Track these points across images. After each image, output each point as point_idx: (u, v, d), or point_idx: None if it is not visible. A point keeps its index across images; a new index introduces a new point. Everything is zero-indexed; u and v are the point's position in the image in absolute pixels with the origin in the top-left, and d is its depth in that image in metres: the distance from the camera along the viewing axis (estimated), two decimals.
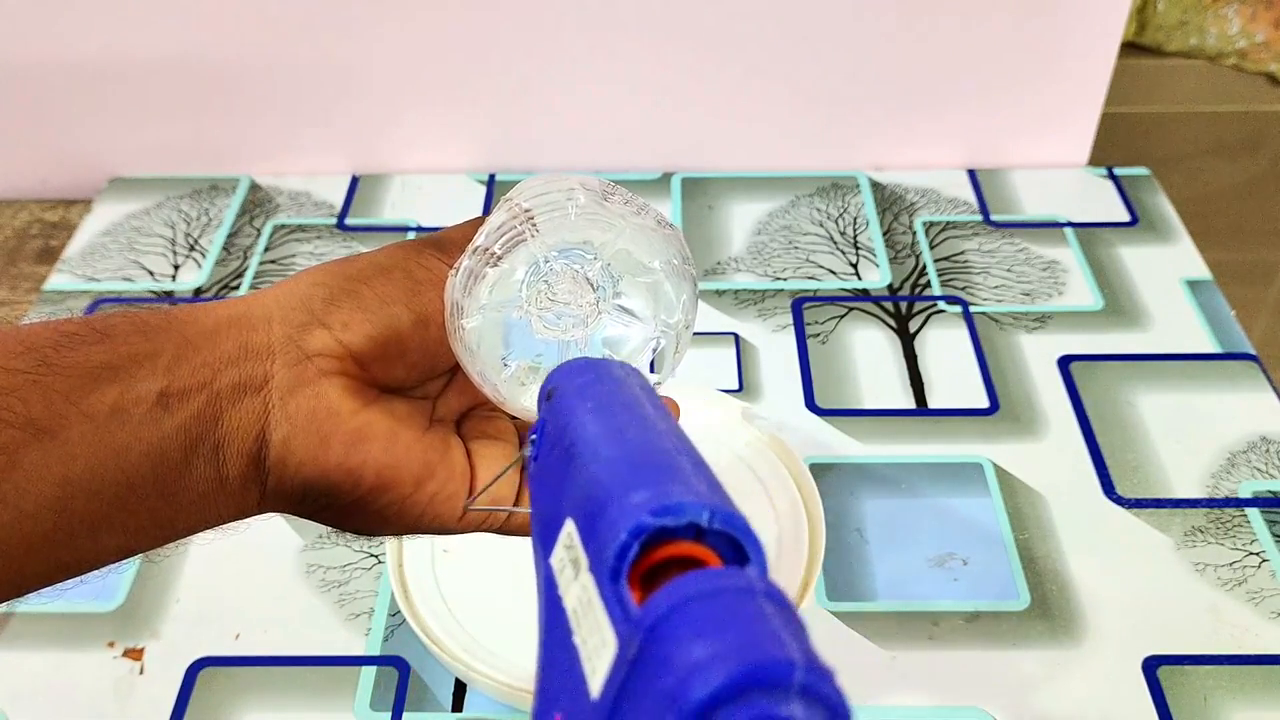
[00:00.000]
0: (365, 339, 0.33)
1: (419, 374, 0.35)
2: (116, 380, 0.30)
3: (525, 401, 0.35)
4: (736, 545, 0.22)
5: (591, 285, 0.34)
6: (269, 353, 0.32)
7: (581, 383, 0.29)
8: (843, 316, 0.76)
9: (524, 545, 0.61)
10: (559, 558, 0.24)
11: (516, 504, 0.36)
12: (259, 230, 0.84)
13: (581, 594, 0.22)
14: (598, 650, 0.21)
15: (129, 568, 0.61)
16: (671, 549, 0.22)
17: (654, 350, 0.36)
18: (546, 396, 0.30)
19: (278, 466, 0.32)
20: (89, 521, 0.29)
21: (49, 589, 0.30)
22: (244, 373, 0.32)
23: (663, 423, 0.27)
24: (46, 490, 0.29)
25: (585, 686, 0.21)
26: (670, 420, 0.27)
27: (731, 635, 0.18)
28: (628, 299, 0.35)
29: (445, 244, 0.36)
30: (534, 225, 0.33)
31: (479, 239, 0.34)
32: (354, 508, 0.33)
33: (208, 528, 0.33)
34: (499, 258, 0.33)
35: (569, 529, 0.24)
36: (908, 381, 0.71)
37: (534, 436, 0.30)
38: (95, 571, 0.31)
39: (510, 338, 0.34)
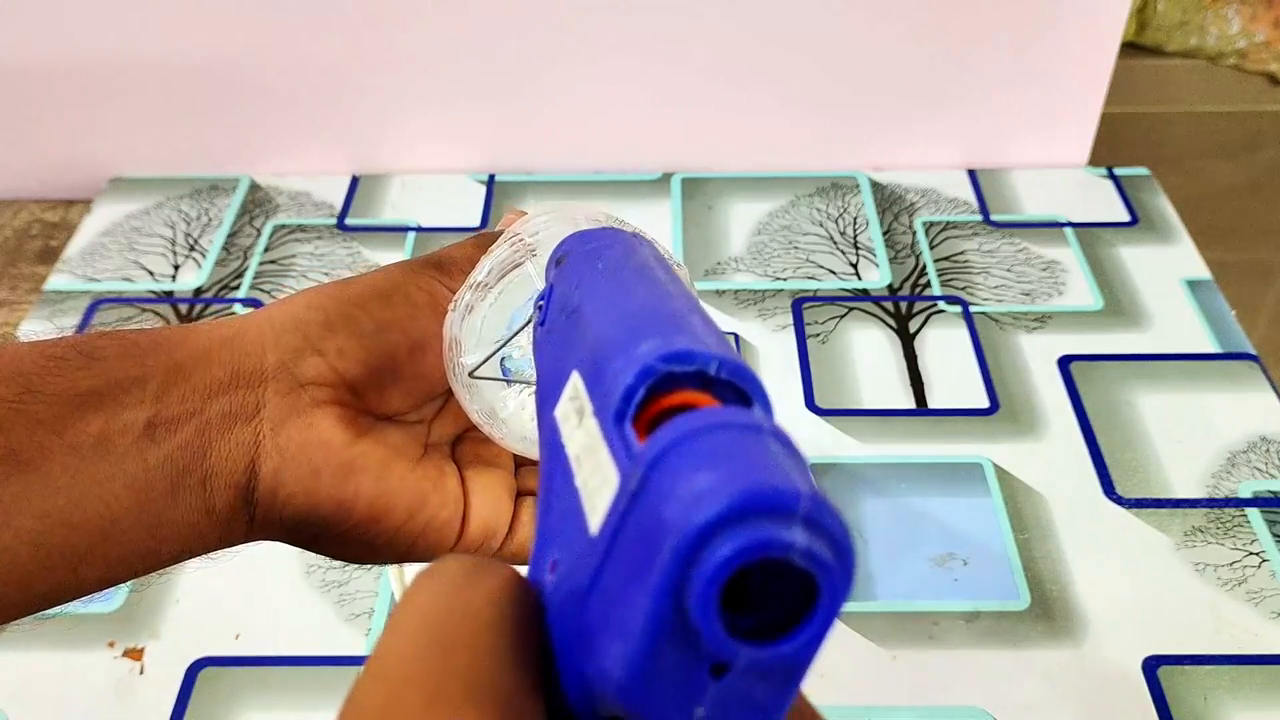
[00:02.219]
0: (361, 366, 0.32)
1: (414, 400, 0.34)
2: (103, 408, 0.29)
3: (524, 433, 0.35)
4: (744, 398, 0.21)
5: None
6: (261, 379, 0.31)
7: (592, 248, 0.29)
8: (843, 316, 0.76)
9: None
10: (563, 409, 0.24)
11: (510, 535, 0.35)
12: (259, 230, 0.84)
13: (585, 439, 0.22)
14: (598, 490, 0.20)
15: None
16: (678, 397, 0.21)
17: None
18: (556, 263, 0.29)
19: (267, 498, 0.31)
20: (69, 555, 0.29)
21: (26, 618, 0.30)
22: (235, 401, 0.31)
23: (673, 285, 0.26)
24: (25, 524, 0.28)
25: (585, 526, 0.20)
26: (681, 285, 0.27)
27: (736, 465, 0.18)
28: None
29: (446, 264, 0.35)
30: (536, 259, 0.33)
31: (480, 274, 0.33)
32: (345, 539, 0.33)
33: (191, 557, 0.32)
34: (500, 294, 0.33)
35: (574, 381, 0.23)
36: (908, 381, 0.71)
37: (541, 303, 0.29)
38: (75, 601, 0.30)
39: (509, 374, 0.34)
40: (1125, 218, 0.84)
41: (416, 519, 0.33)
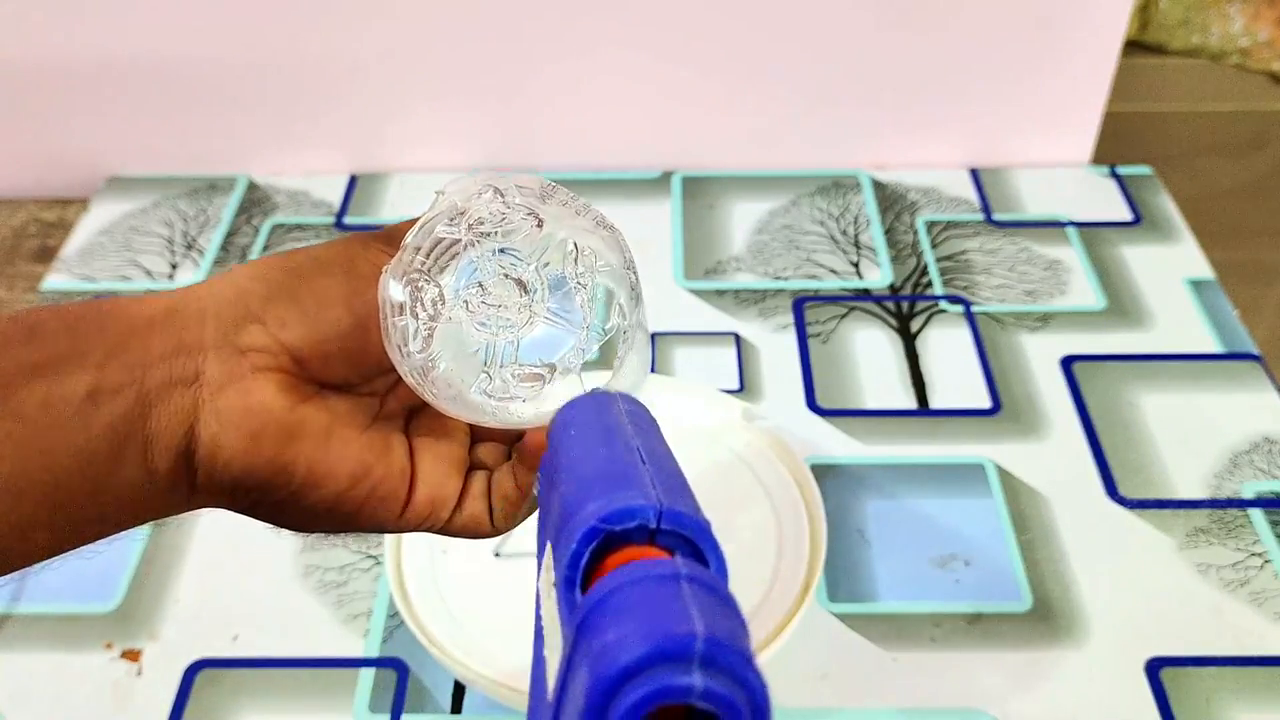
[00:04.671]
0: (302, 336, 0.33)
1: (361, 370, 0.35)
2: (44, 379, 0.30)
3: (453, 394, 0.35)
4: (694, 544, 0.23)
5: (524, 288, 0.34)
6: (201, 348, 0.32)
7: (569, 417, 0.31)
8: (844, 316, 0.75)
9: (521, 546, 0.61)
10: (544, 580, 0.25)
11: (459, 508, 0.36)
12: (257, 229, 0.84)
13: (551, 608, 0.24)
14: (554, 656, 0.22)
15: (127, 568, 0.61)
16: (629, 553, 0.23)
17: (584, 355, 0.35)
18: (549, 434, 0.31)
19: (207, 462, 0.32)
20: (16, 523, 0.29)
21: None
22: (174, 369, 0.31)
23: (638, 439, 0.28)
24: None
25: (547, 692, 0.22)
26: (650, 436, 0.28)
27: (640, 617, 0.19)
28: (561, 302, 0.34)
29: (394, 237, 0.35)
30: (469, 226, 0.33)
31: (411, 237, 0.33)
32: (285, 504, 0.33)
33: (139, 524, 0.33)
34: (431, 254, 0.33)
35: (548, 554, 0.25)
36: (909, 381, 0.70)
37: (539, 475, 0.31)
38: (27, 568, 0.31)
39: (444, 338, 0.34)
40: (1128, 217, 0.84)
41: (359, 487, 0.33)
